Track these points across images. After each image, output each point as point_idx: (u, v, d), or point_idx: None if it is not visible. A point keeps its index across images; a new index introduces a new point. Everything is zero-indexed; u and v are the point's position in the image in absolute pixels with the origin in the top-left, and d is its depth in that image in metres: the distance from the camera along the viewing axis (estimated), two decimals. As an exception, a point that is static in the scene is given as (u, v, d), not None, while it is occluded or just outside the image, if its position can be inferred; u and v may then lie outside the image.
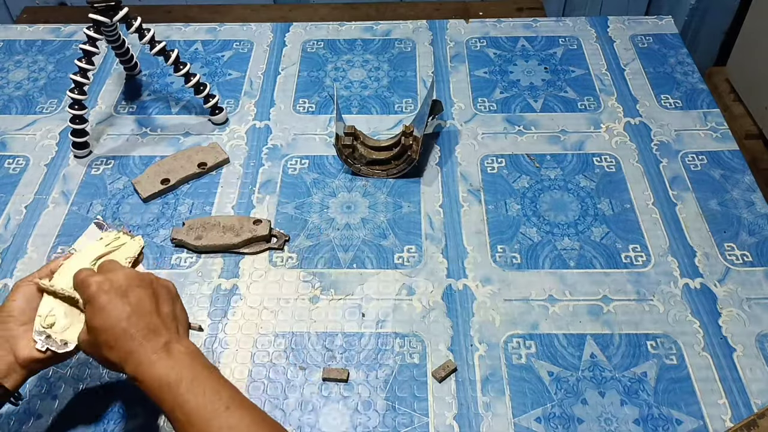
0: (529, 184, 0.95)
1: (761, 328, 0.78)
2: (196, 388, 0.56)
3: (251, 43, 1.20)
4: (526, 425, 0.71)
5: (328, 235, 0.89)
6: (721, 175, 0.95)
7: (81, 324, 0.63)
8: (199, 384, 0.56)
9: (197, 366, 0.58)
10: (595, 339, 0.78)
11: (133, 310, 0.58)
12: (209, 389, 0.56)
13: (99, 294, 0.58)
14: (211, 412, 0.55)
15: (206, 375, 0.58)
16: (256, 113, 1.07)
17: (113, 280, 0.60)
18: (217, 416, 0.55)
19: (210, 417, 0.55)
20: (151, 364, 0.56)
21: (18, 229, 0.91)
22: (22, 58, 1.19)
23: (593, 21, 1.22)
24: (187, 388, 0.55)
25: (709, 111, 1.04)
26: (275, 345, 0.78)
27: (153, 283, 0.62)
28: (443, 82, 1.11)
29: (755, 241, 0.87)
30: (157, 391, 0.56)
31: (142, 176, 0.95)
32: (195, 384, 0.56)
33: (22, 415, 0.72)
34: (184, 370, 0.57)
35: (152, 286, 0.61)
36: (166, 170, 0.96)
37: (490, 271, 0.85)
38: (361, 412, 0.72)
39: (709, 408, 0.72)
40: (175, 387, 0.55)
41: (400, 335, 0.79)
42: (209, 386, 0.57)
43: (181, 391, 0.55)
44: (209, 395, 0.56)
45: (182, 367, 0.57)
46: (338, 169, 0.98)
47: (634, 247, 0.87)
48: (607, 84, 1.10)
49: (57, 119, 1.07)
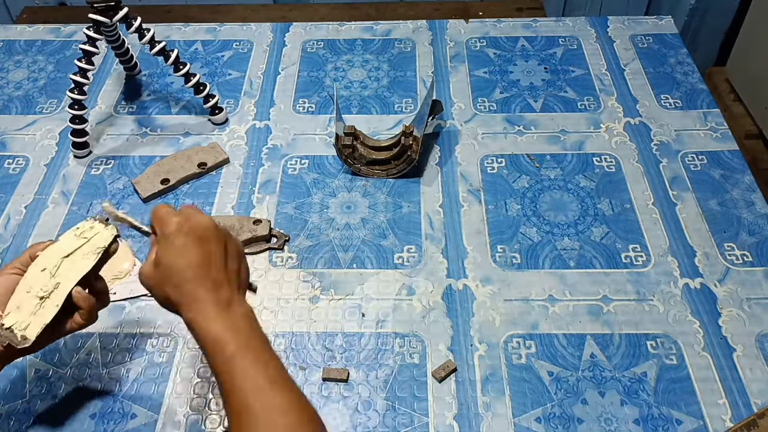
0: (529, 184, 0.95)
1: (761, 328, 0.78)
2: (247, 355, 0.56)
3: (251, 43, 1.20)
4: (526, 425, 0.71)
5: (328, 235, 0.89)
6: (721, 175, 0.95)
7: (42, 321, 0.62)
8: (249, 352, 0.56)
9: (252, 333, 0.58)
10: (595, 339, 0.78)
11: (205, 258, 0.58)
12: (258, 360, 0.56)
13: (178, 233, 0.59)
14: (254, 386, 0.55)
15: (256, 344, 0.58)
16: (256, 113, 1.07)
17: (193, 223, 0.60)
18: (260, 391, 0.55)
19: (253, 390, 0.55)
20: (209, 319, 0.57)
21: (18, 229, 0.91)
22: (22, 58, 1.19)
23: (593, 21, 1.22)
24: (237, 353, 0.56)
25: (709, 111, 1.04)
26: (275, 345, 0.78)
27: (227, 237, 0.62)
28: (443, 82, 1.11)
29: (755, 241, 0.87)
30: (209, 346, 0.56)
31: (142, 176, 0.95)
32: (246, 351, 0.56)
33: (22, 415, 0.72)
34: (239, 334, 0.57)
35: (226, 240, 0.61)
36: (166, 170, 0.96)
37: (490, 271, 0.85)
38: (361, 412, 0.72)
39: (709, 408, 0.72)
40: (226, 348, 0.56)
41: (400, 335, 0.79)
42: (258, 357, 0.57)
43: (230, 355, 0.55)
44: (256, 367, 0.56)
45: (237, 330, 0.57)
46: (338, 169, 0.98)
47: (634, 247, 0.87)
48: (607, 84, 1.10)
49: (57, 119, 1.07)
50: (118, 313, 0.81)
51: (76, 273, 0.65)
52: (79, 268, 0.65)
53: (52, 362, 0.77)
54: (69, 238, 0.68)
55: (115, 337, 0.79)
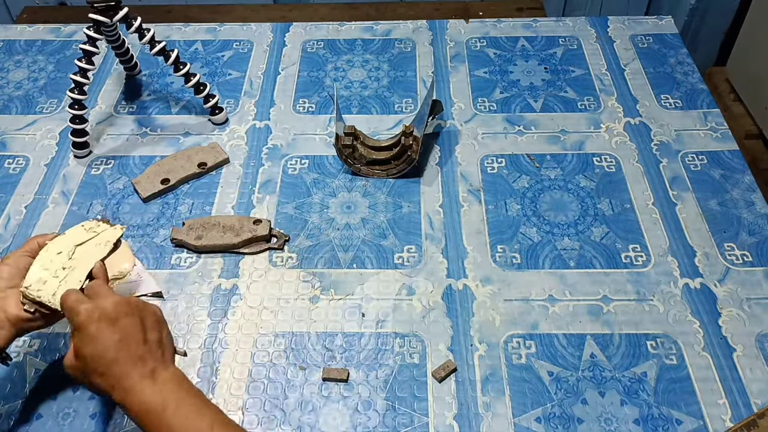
0: (529, 184, 0.95)
1: (761, 328, 0.78)
2: (181, 411, 0.58)
3: (251, 43, 1.20)
4: (526, 425, 0.71)
5: (328, 235, 0.89)
6: (721, 175, 0.95)
7: (69, 286, 0.66)
8: (183, 407, 0.58)
9: (182, 391, 0.60)
10: (595, 339, 0.78)
11: (123, 338, 0.60)
12: (193, 412, 0.58)
13: (89, 323, 0.60)
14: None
15: (191, 399, 0.59)
16: (256, 113, 1.07)
17: (102, 308, 0.61)
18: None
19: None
20: (137, 392, 0.58)
21: (18, 228, 0.91)
22: (22, 58, 1.19)
23: (593, 21, 1.22)
24: (172, 413, 0.57)
25: (709, 111, 1.04)
26: (275, 345, 0.78)
27: (141, 310, 0.63)
28: (443, 82, 1.11)
29: (755, 241, 0.87)
30: (143, 417, 0.58)
31: (142, 176, 0.95)
32: (179, 408, 0.58)
33: (23, 415, 0.72)
34: (170, 395, 0.59)
35: (140, 313, 0.62)
36: (166, 170, 0.96)
37: (490, 271, 0.85)
38: (361, 412, 0.72)
39: (709, 408, 0.72)
40: (160, 412, 0.57)
41: (400, 335, 0.79)
42: (193, 409, 0.59)
43: (166, 416, 0.57)
44: (193, 418, 0.58)
45: (167, 392, 0.59)
46: (338, 169, 0.98)
47: (634, 247, 0.87)
48: (607, 84, 1.10)
49: (57, 119, 1.07)
50: (118, 313, 0.81)
51: (92, 257, 0.70)
52: (94, 254, 0.70)
53: (52, 362, 0.77)
54: (78, 231, 0.73)
55: (115, 337, 0.79)
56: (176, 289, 0.84)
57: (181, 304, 0.82)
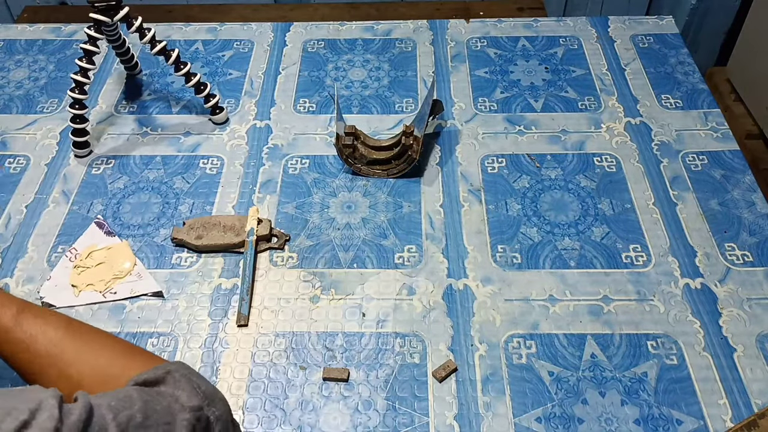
0: (529, 184, 0.95)
1: (762, 328, 0.78)
2: (31, 308, 0.60)
3: (252, 42, 1.20)
4: (526, 425, 0.71)
5: (329, 234, 0.89)
6: (722, 175, 0.95)
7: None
8: (31, 307, 0.61)
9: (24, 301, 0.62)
10: (595, 339, 0.78)
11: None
12: (42, 311, 0.60)
13: None
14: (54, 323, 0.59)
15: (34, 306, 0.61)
16: (257, 113, 1.07)
17: None
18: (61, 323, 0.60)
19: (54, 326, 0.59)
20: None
21: (18, 228, 0.91)
22: (22, 58, 1.19)
23: (594, 21, 1.22)
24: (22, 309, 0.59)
25: (710, 111, 1.04)
26: (275, 345, 0.78)
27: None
28: (444, 82, 1.11)
29: (756, 241, 0.87)
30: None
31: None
32: (29, 307, 0.60)
33: (23, 415, 0.72)
34: (13, 300, 0.61)
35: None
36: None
37: (490, 270, 0.85)
38: (361, 411, 0.72)
39: (709, 408, 0.72)
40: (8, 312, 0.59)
41: (401, 335, 0.79)
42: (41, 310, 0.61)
43: (15, 312, 0.59)
44: (44, 313, 0.60)
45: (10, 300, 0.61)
46: (339, 168, 0.98)
47: (635, 247, 0.87)
48: (608, 84, 1.10)
49: (57, 119, 1.07)
50: (119, 312, 0.82)
51: None
52: None
53: None
54: None
55: (115, 337, 0.79)
56: (177, 289, 0.84)
57: (181, 303, 0.82)
